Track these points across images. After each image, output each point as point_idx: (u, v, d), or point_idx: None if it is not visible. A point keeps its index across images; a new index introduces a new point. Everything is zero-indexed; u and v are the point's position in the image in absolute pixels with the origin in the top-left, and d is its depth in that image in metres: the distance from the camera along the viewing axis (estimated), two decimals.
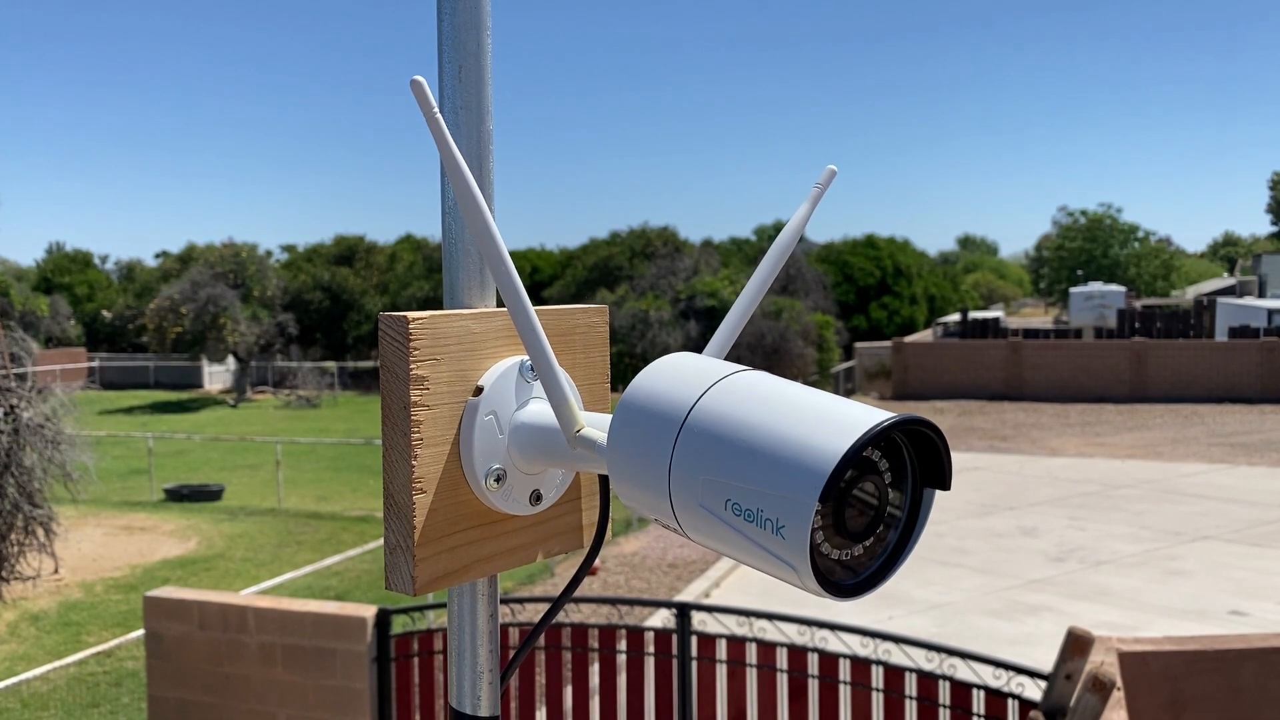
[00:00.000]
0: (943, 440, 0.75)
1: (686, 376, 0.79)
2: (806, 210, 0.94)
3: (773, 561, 0.70)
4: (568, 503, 1.00)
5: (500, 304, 0.93)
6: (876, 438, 0.69)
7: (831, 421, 0.70)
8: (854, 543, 0.74)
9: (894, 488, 0.76)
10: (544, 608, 8.38)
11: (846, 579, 0.75)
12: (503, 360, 0.92)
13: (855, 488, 0.73)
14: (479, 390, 0.90)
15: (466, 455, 0.89)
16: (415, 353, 0.86)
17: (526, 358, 0.93)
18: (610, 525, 0.99)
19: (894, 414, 0.71)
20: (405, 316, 0.85)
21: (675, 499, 0.76)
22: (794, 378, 25.15)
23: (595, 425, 0.86)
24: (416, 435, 0.86)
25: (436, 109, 0.80)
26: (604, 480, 0.96)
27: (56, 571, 13.76)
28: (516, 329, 0.85)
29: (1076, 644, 3.92)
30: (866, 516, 0.74)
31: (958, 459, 20.95)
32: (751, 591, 11.54)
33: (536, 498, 0.94)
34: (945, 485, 0.77)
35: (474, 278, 0.94)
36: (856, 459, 0.69)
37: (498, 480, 0.90)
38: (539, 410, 0.92)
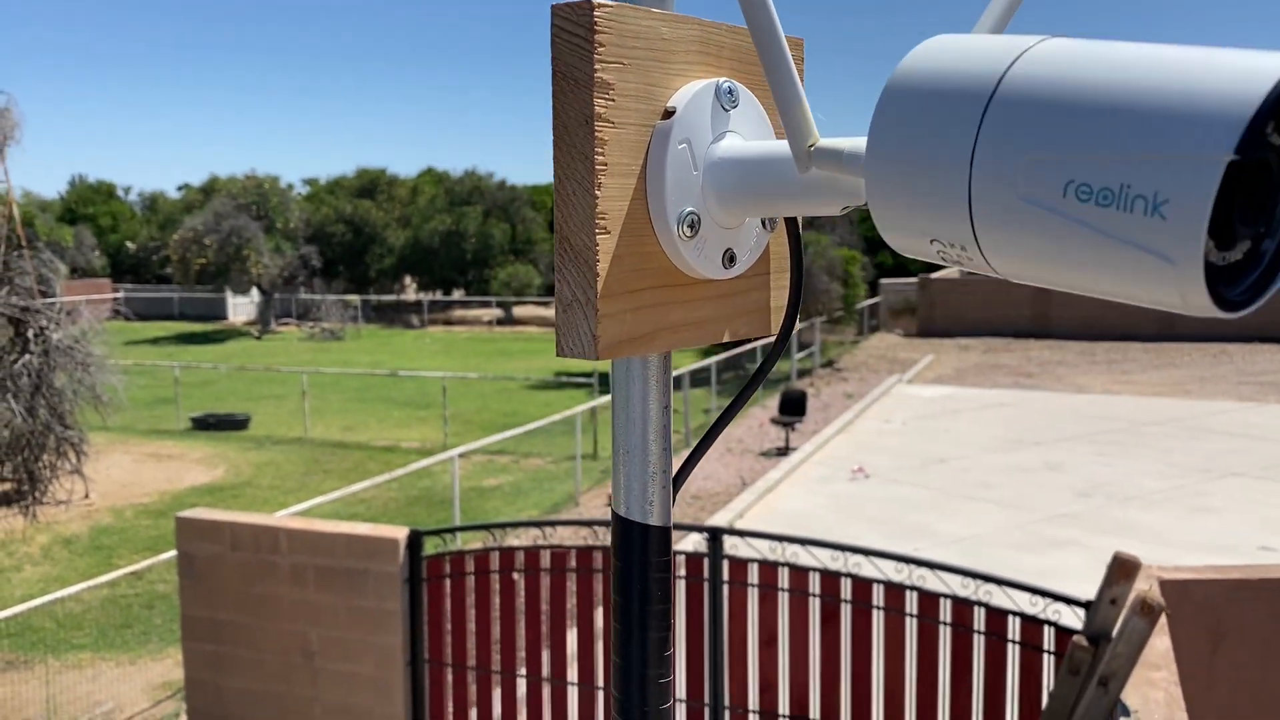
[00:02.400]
0: None
1: (980, 48, 0.60)
2: None
3: (1139, 259, 0.52)
4: (756, 276, 0.88)
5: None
6: None
7: (1225, 65, 0.51)
8: (1234, 243, 0.54)
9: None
10: (576, 529, 8.39)
11: (1227, 289, 0.55)
12: (694, 81, 0.78)
13: (1258, 155, 0.52)
14: (670, 113, 0.76)
15: (656, 193, 0.75)
16: (601, 50, 0.71)
17: (722, 79, 0.79)
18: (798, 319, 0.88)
19: None
20: (589, 1, 0.71)
21: (979, 202, 0.57)
22: (819, 314, 24.82)
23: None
24: (600, 159, 0.72)
25: None
26: (796, 253, 0.86)
27: (87, 496, 13.91)
28: (745, 12, 0.71)
29: (1123, 568, 3.87)
30: (1255, 205, 0.54)
31: (982, 395, 20.86)
32: (776, 524, 11.55)
33: (730, 258, 0.82)
34: None
35: None
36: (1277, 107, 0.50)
37: (691, 227, 0.77)
38: (738, 144, 0.78)
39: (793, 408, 16.93)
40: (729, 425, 0.89)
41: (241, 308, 45.83)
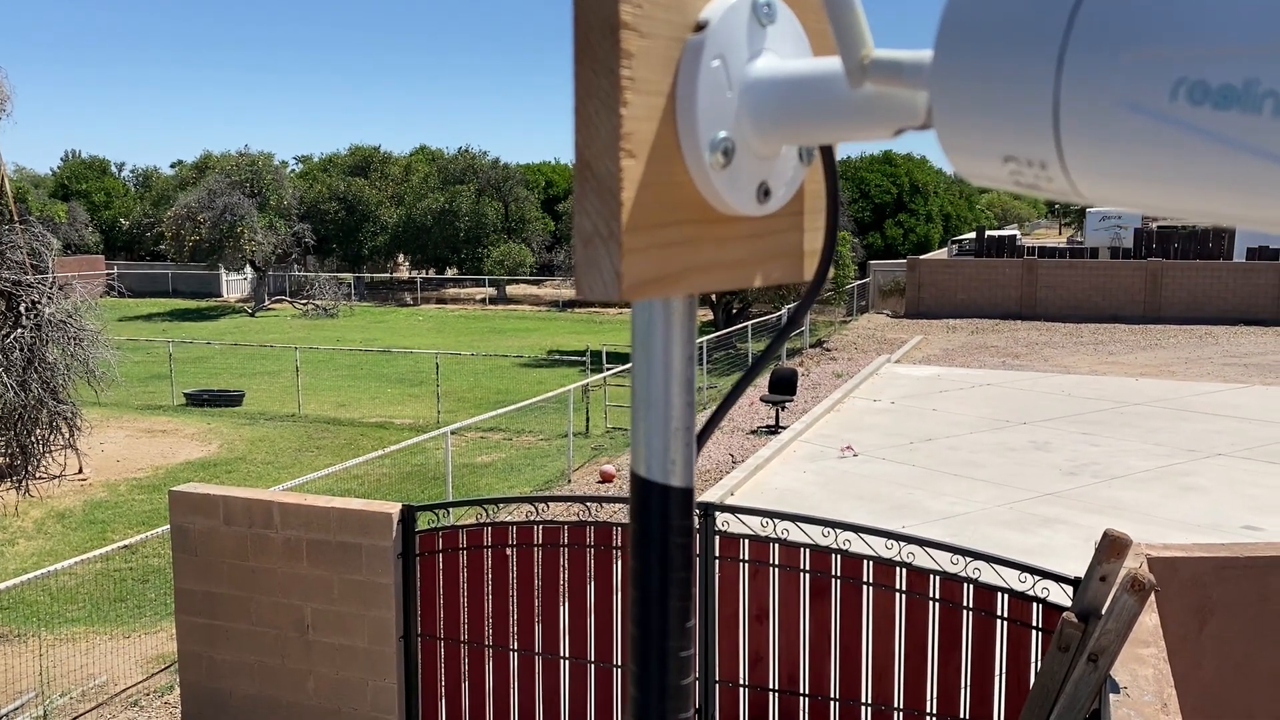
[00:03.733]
0: None
1: None
2: None
3: (1265, 173, 0.43)
4: (790, 216, 0.80)
5: None
6: None
7: None
8: None
9: None
10: (570, 505, 8.46)
11: None
12: None
13: None
14: (702, 26, 0.68)
15: (687, 115, 0.67)
16: None
17: None
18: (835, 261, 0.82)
19: None
20: None
21: (1068, 110, 0.49)
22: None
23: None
24: (626, 73, 0.63)
25: None
26: (833, 189, 0.79)
27: (81, 471, 13.92)
28: None
29: (1113, 546, 3.92)
30: None
31: (969, 375, 20.95)
32: (766, 501, 11.62)
33: (765, 192, 0.74)
34: None
35: None
36: None
37: (725, 155, 0.69)
38: (777, 63, 0.71)
39: (783, 387, 16.99)
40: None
41: (235, 285, 45.71)
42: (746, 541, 5.83)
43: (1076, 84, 0.48)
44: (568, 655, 6.24)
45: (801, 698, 5.76)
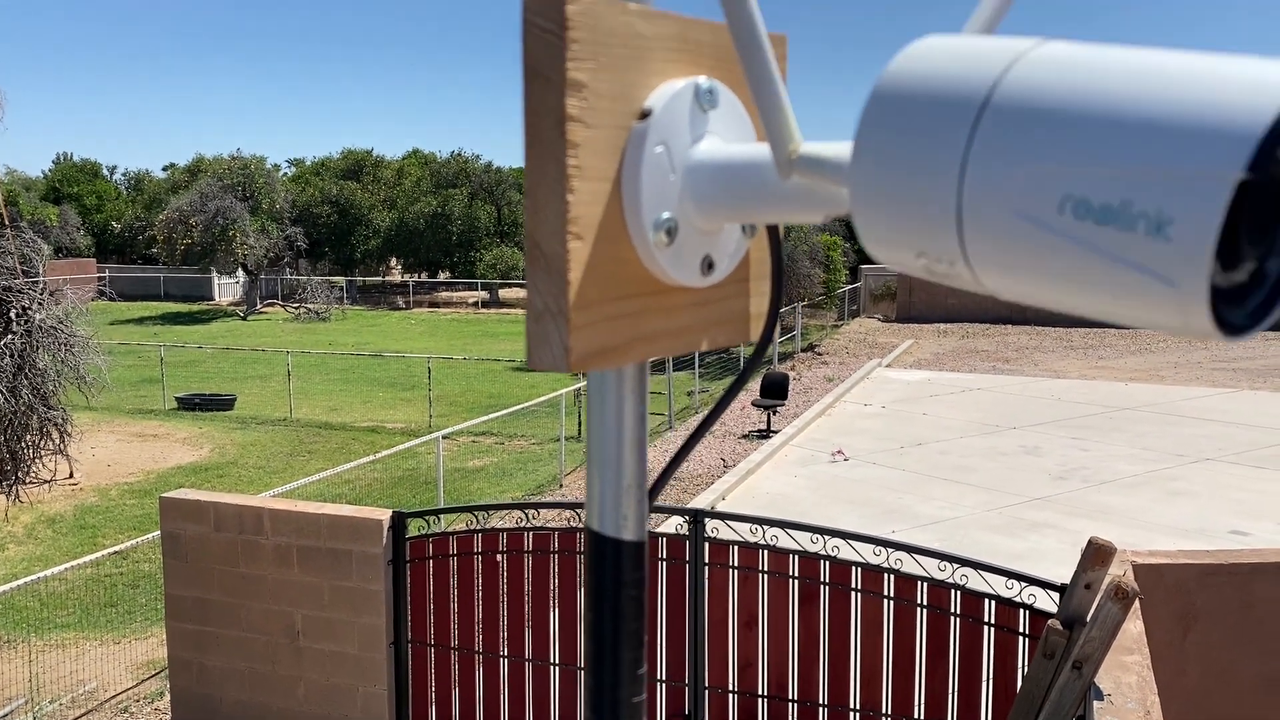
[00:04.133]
0: None
1: (973, 50, 0.57)
2: None
3: (1136, 280, 0.49)
4: (735, 283, 0.85)
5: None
6: None
7: (1237, 75, 0.48)
8: (1239, 264, 0.51)
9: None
10: (563, 512, 8.46)
11: (1230, 313, 0.51)
12: (673, 80, 0.74)
13: (1267, 173, 0.48)
14: (646, 114, 0.72)
15: (631, 197, 0.72)
16: (574, 47, 0.67)
17: (701, 79, 0.76)
18: (779, 325, 0.87)
19: None
20: None
21: (970, 216, 0.54)
22: (800, 299, 24.81)
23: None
24: (573, 161, 0.68)
25: None
26: (777, 259, 0.83)
27: (72, 476, 13.91)
28: (725, 10, 0.68)
29: (1098, 554, 3.95)
30: (1262, 225, 0.51)
31: (960, 380, 21.01)
32: (757, 505, 11.64)
33: (708, 265, 0.78)
34: None
35: None
36: None
37: (668, 234, 0.73)
38: (718, 148, 0.75)
39: (774, 391, 17.02)
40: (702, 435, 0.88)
41: (227, 288, 45.66)
42: (736, 548, 5.85)
43: (977, 194, 0.53)
44: (558, 662, 6.25)
45: (790, 704, 5.79)
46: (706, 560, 5.89)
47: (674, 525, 8.82)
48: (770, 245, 0.84)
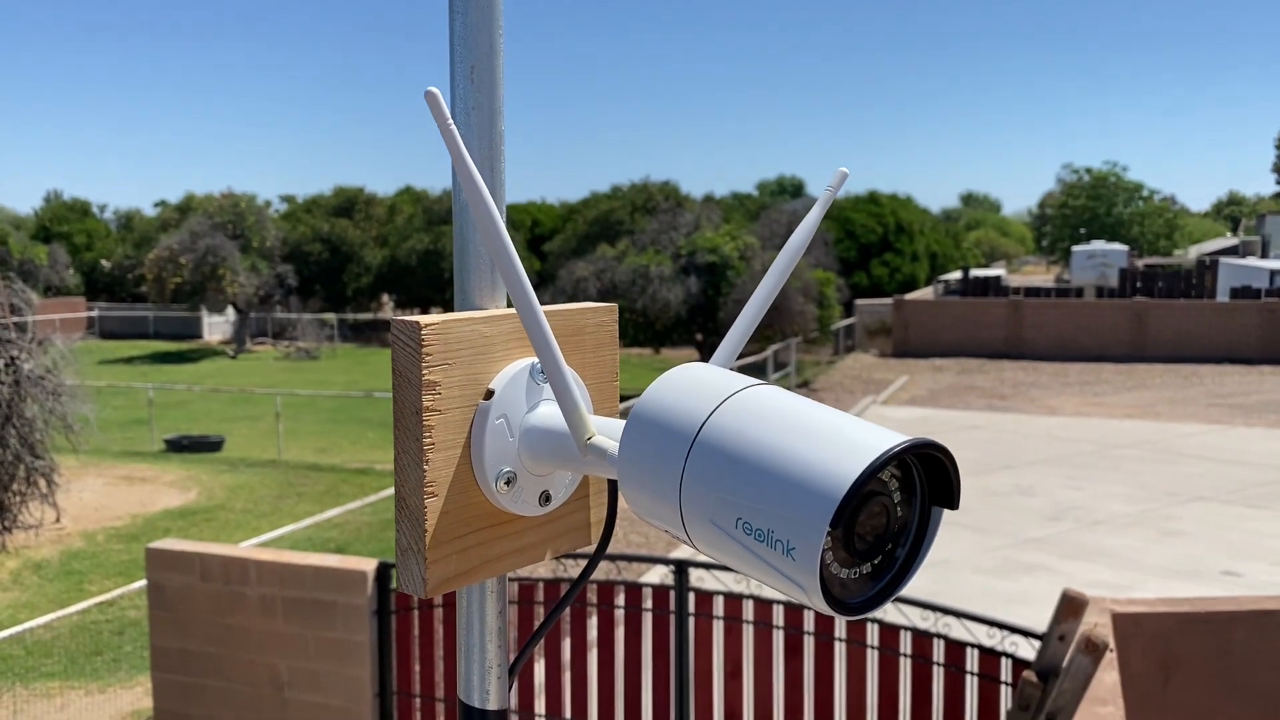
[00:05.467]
0: (953, 462, 0.75)
1: (698, 390, 0.78)
2: (818, 213, 0.94)
3: (782, 580, 0.71)
4: (576, 500, 1.00)
5: (510, 305, 0.94)
6: (888, 461, 0.69)
7: (845, 443, 0.69)
8: (862, 561, 0.75)
9: (902, 505, 0.76)
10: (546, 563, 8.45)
11: (854, 596, 0.75)
12: (514, 363, 0.92)
13: (865, 509, 0.73)
14: (490, 394, 0.90)
15: (477, 458, 0.89)
16: (427, 358, 0.85)
17: (537, 360, 0.92)
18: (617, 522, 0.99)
19: (906, 437, 0.70)
20: (418, 322, 0.85)
21: (686, 513, 0.76)
22: (794, 334, 24.82)
23: (606, 432, 0.87)
24: (429, 440, 0.86)
25: (450, 121, 0.81)
26: (612, 483, 0.97)
27: (58, 521, 13.85)
28: (527, 335, 0.86)
29: (1070, 605, 3.96)
30: (875, 536, 0.75)
31: (956, 417, 21.02)
32: None
33: (546, 498, 0.95)
34: (954, 505, 0.77)
35: (485, 280, 0.94)
36: (869, 482, 0.69)
37: (508, 483, 0.91)
38: (549, 413, 0.92)
39: None
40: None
41: (217, 327, 45.61)
42: (720, 598, 5.84)
43: (689, 502, 0.76)
44: (543, 713, 6.23)
45: None
46: (691, 611, 5.88)
47: (659, 575, 8.81)
48: (609, 488, 1.00)
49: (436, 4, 0.95)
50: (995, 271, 43.60)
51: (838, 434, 0.71)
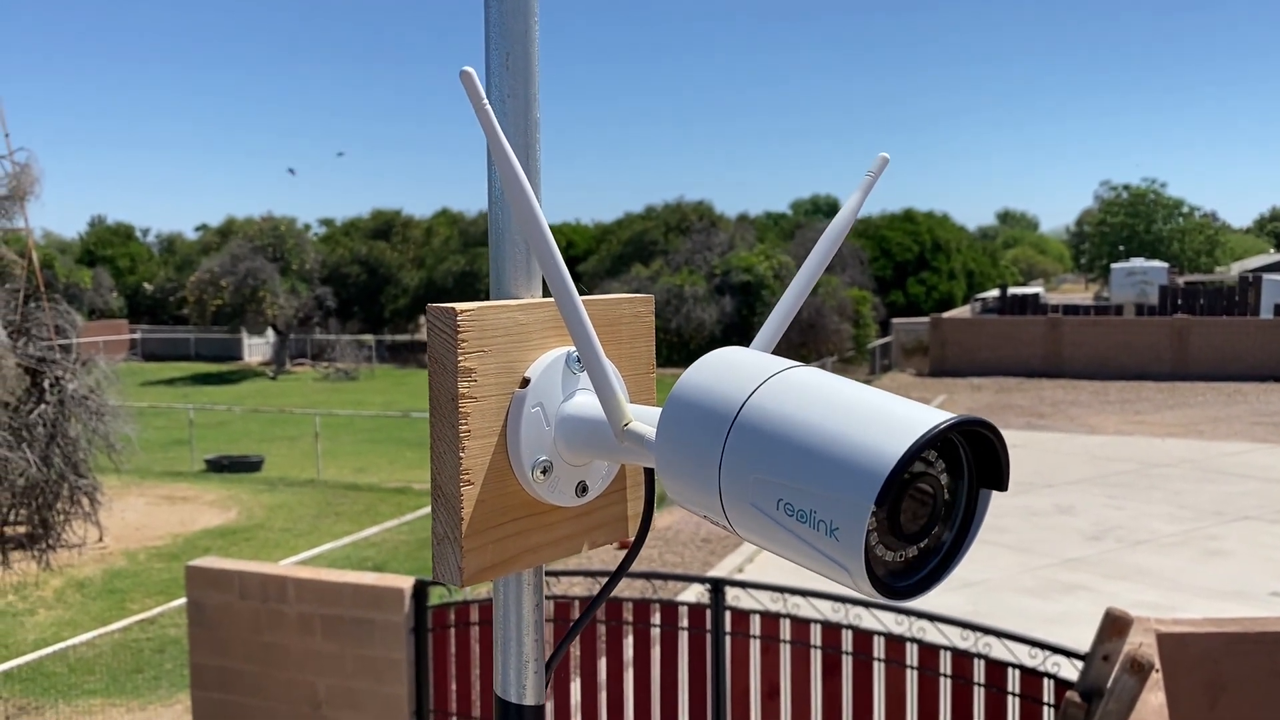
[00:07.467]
0: (1001, 441, 0.73)
1: (737, 372, 0.77)
2: (858, 199, 0.91)
3: (825, 562, 0.69)
4: (613, 493, 0.99)
5: (547, 294, 0.93)
6: (934, 440, 0.67)
7: (888, 422, 0.68)
8: (908, 544, 0.73)
9: (949, 487, 0.74)
10: (581, 580, 8.45)
11: (900, 580, 0.73)
12: (550, 351, 0.91)
13: (911, 490, 0.71)
14: (526, 382, 0.89)
15: (513, 447, 0.89)
16: (463, 345, 0.85)
17: (573, 349, 0.92)
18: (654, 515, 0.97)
19: (952, 415, 0.69)
20: (453, 309, 0.85)
21: (726, 497, 0.74)
22: (830, 354, 24.92)
23: (643, 419, 0.85)
24: (464, 427, 0.85)
25: (485, 100, 0.79)
26: (649, 472, 0.95)
27: (101, 540, 13.99)
28: (564, 320, 0.84)
29: (1115, 625, 3.90)
30: (922, 518, 0.72)
31: None
32: (785, 567, 11.55)
33: (582, 489, 0.94)
34: (1002, 486, 0.74)
35: (521, 268, 0.93)
36: (914, 461, 0.67)
37: (544, 472, 0.90)
38: (586, 402, 0.91)
39: None
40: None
41: (257, 348, 46.07)
42: (757, 617, 5.81)
43: (729, 485, 0.74)
44: None
45: None
46: (728, 630, 5.85)
47: (695, 594, 8.78)
48: (645, 475, 0.99)
49: (474, 27, 0.94)
50: (1033, 289, 43.21)
51: (882, 412, 0.69)
